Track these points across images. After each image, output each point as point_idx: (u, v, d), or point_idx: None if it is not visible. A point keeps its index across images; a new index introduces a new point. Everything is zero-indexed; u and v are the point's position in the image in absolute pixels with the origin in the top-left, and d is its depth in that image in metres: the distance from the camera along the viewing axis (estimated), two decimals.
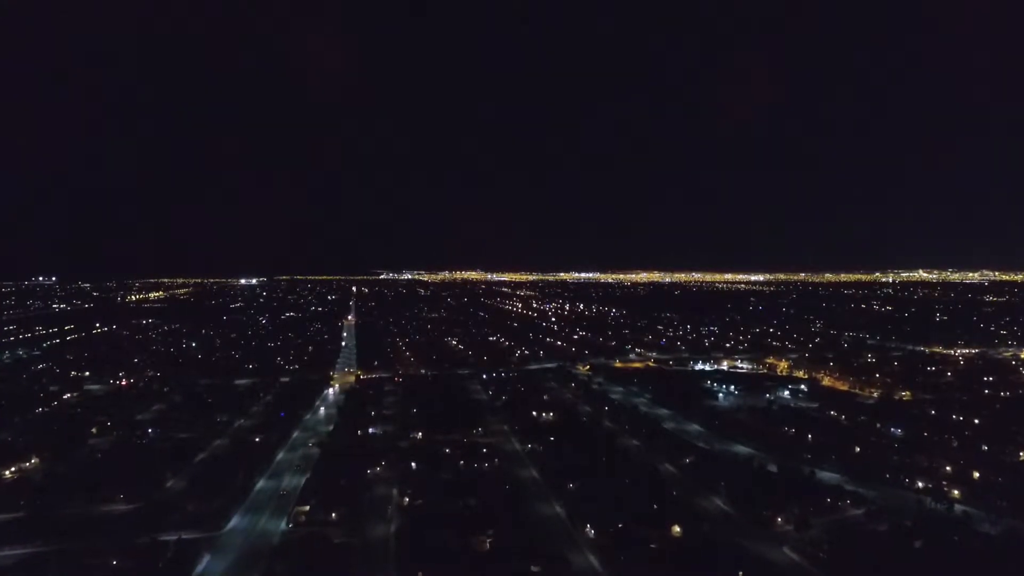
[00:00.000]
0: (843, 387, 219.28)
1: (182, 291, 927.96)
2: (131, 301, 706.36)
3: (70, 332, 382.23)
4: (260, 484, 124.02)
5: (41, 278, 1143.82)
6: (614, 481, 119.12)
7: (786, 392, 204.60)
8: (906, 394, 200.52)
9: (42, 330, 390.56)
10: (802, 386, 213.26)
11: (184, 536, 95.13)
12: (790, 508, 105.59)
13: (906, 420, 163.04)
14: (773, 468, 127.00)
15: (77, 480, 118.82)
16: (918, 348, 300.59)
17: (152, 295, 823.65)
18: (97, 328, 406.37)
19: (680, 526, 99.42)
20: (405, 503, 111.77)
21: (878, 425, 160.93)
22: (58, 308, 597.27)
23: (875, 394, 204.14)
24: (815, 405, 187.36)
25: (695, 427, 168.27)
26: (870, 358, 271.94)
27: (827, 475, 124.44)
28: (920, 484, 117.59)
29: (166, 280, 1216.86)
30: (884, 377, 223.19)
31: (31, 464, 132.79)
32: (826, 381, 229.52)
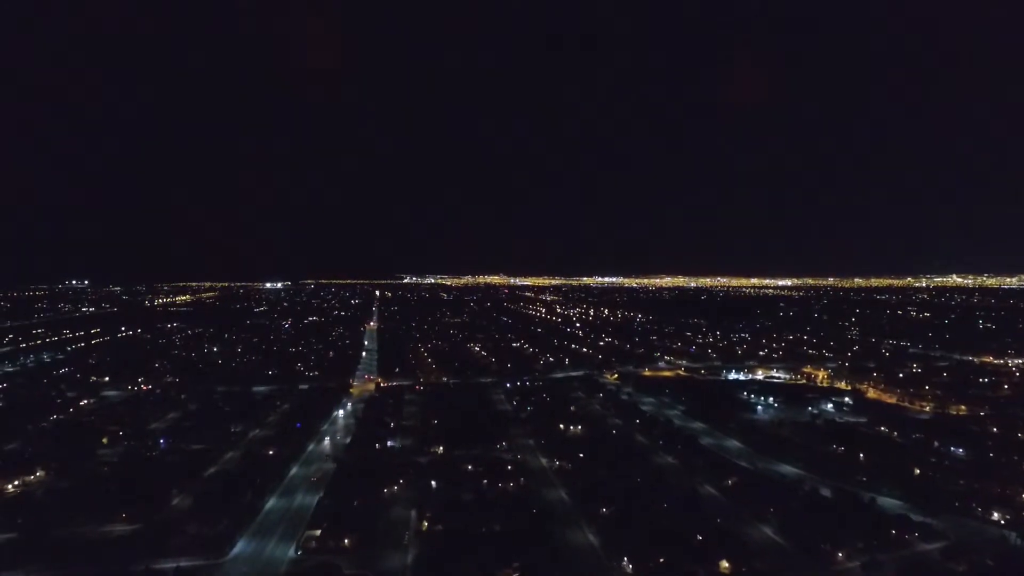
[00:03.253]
0: (890, 400, 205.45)
1: (209, 295, 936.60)
2: (158, 305, 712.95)
3: (95, 336, 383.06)
4: (270, 503, 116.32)
5: (74, 282, 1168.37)
6: (651, 505, 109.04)
7: (829, 405, 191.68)
8: (961, 408, 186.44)
9: (69, 334, 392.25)
10: (846, 398, 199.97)
11: (183, 564, 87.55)
12: (851, 541, 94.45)
13: (966, 438, 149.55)
14: (826, 492, 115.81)
15: (80, 496, 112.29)
16: (966, 357, 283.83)
17: (179, 299, 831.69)
18: (122, 332, 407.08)
19: (728, 561, 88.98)
20: (424, 528, 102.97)
21: (936, 444, 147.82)
22: (87, 312, 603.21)
23: (927, 408, 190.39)
24: (863, 420, 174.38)
25: (734, 443, 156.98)
26: (915, 368, 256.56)
27: (888, 502, 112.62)
28: (996, 515, 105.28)
29: (194, 284, 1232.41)
30: (934, 389, 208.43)
31: (35, 477, 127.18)
32: (871, 393, 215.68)
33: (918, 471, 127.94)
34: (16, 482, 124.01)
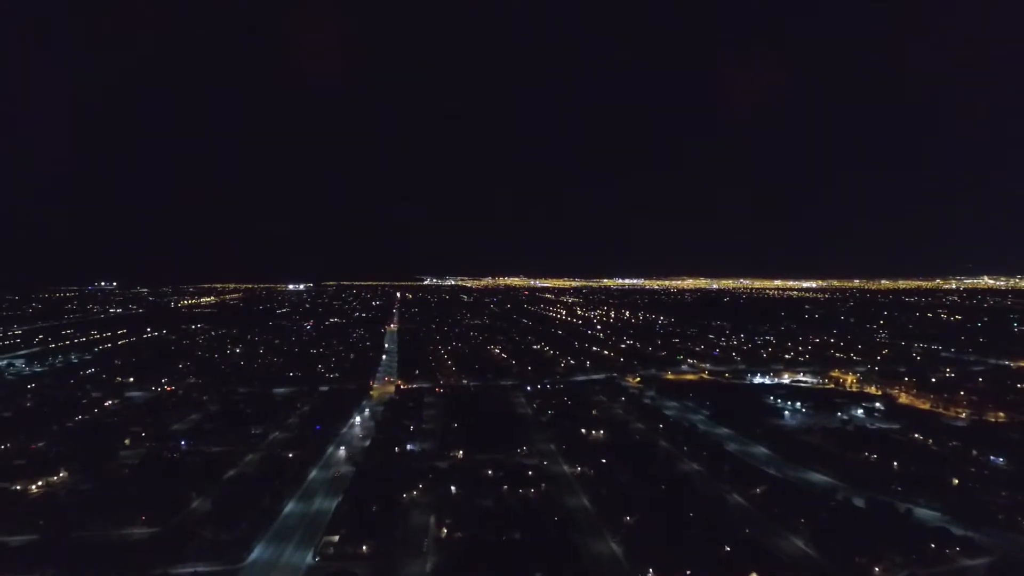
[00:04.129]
0: (923, 406, 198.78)
1: (233, 296, 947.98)
2: (183, 306, 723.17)
3: (122, 337, 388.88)
4: (289, 507, 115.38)
5: (103, 283, 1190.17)
6: (676, 514, 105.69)
7: (860, 411, 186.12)
8: (999, 415, 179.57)
9: (96, 334, 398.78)
10: (877, 404, 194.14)
11: (200, 569, 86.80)
12: (888, 555, 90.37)
13: (1007, 447, 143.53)
14: (859, 503, 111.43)
15: (101, 498, 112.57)
16: (1002, 362, 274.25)
17: (204, 300, 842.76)
18: (147, 333, 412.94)
19: (758, 574, 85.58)
20: (443, 535, 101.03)
21: (974, 452, 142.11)
22: (115, 313, 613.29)
23: (962, 415, 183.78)
24: (896, 427, 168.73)
25: (761, 450, 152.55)
26: (948, 372, 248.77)
27: (925, 513, 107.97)
28: None
29: (219, 286, 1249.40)
30: (970, 395, 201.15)
31: (59, 478, 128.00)
32: (903, 398, 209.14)
33: (956, 481, 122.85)
34: (40, 483, 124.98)
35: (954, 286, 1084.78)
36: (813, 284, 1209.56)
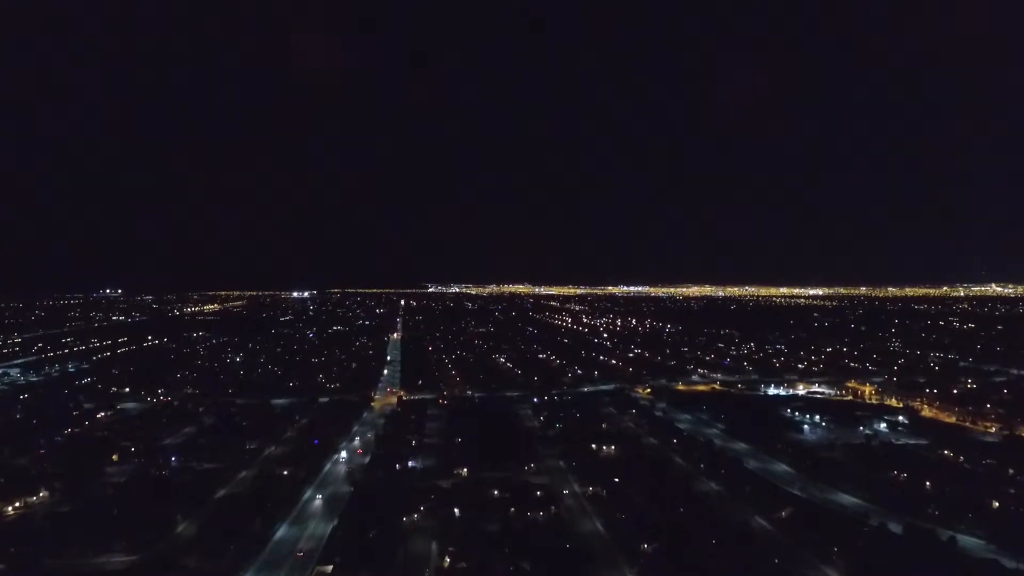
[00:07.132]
0: (949, 419, 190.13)
1: (236, 304, 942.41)
2: (186, 314, 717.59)
3: (121, 345, 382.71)
4: (280, 532, 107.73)
5: (108, 290, 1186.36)
6: (698, 540, 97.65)
7: (883, 424, 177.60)
8: None
9: (96, 343, 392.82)
10: (900, 417, 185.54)
11: None
12: None
13: None
14: (896, 528, 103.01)
15: (80, 521, 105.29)
16: None
17: (207, 308, 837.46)
18: (148, 341, 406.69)
19: None
20: (446, 564, 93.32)
21: (1011, 471, 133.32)
22: (117, 320, 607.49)
23: (992, 429, 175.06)
24: (923, 442, 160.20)
25: (783, 467, 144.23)
26: (970, 383, 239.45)
27: (969, 541, 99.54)
28: None
29: (223, 293, 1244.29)
30: (996, 407, 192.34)
31: (38, 498, 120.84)
32: (925, 411, 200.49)
33: (996, 504, 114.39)
34: (17, 503, 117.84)
35: (962, 294, 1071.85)
36: (819, 292, 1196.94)
